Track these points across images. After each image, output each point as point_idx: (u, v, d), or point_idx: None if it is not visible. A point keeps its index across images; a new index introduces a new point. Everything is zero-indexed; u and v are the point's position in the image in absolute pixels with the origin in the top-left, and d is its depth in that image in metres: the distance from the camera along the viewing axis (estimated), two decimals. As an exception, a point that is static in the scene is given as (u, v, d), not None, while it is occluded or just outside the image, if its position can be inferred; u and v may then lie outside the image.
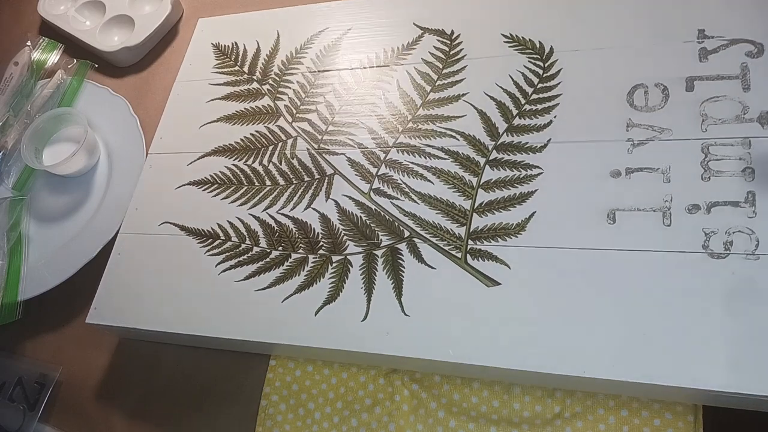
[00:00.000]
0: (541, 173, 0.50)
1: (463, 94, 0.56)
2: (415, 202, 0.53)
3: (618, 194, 0.47)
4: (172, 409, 0.56)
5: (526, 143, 0.51)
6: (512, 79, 0.55)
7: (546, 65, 0.54)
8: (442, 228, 0.50)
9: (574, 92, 0.52)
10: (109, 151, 0.69)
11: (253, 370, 0.56)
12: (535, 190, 0.49)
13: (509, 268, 0.47)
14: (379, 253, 0.51)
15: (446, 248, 0.49)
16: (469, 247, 0.49)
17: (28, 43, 0.77)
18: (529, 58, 0.55)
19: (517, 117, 0.53)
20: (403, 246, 0.51)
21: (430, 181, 0.53)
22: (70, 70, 0.75)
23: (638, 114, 0.49)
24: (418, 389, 0.51)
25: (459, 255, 0.49)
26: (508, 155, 0.51)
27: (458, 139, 0.54)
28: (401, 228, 0.52)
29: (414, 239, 0.51)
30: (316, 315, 0.50)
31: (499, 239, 0.48)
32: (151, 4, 0.78)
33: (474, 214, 0.50)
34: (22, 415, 0.56)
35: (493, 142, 0.52)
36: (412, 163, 0.54)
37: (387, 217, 0.53)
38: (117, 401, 0.58)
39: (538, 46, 0.56)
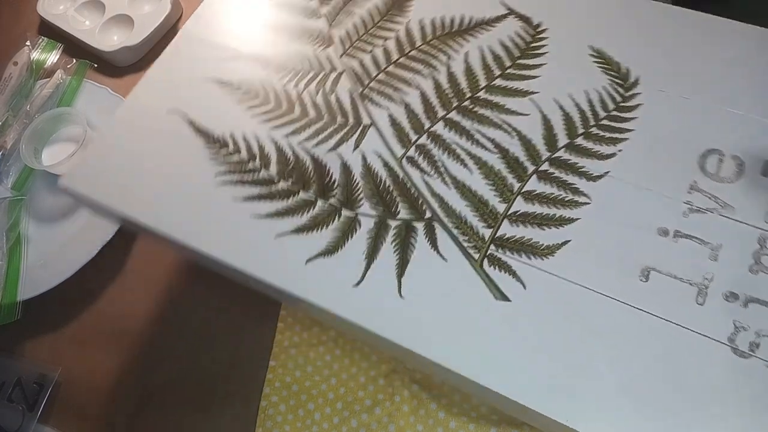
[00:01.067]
0: (588, 204, 0.46)
1: (532, 93, 0.52)
2: (447, 185, 0.49)
3: (659, 254, 0.44)
4: (171, 409, 0.56)
5: (582, 167, 0.48)
6: (587, 96, 0.51)
7: (626, 95, 0.51)
8: (467, 222, 0.47)
9: (648, 134, 0.49)
10: None
11: (252, 370, 0.56)
12: (577, 219, 0.46)
13: (524, 288, 0.44)
14: (392, 224, 0.47)
15: (465, 244, 0.46)
16: (489, 252, 0.45)
17: (28, 42, 0.76)
18: (611, 80, 0.52)
19: (582, 137, 0.49)
20: (420, 225, 0.47)
21: (469, 169, 0.49)
22: (70, 70, 0.74)
23: (706, 180, 0.46)
24: (419, 389, 0.49)
25: (476, 256, 0.45)
26: (560, 173, 0.48)
27: (512, 137, 0.50)
28: (424, 207, 0.48)
29: (434, 223, 0.47)
30: (306, 263, 0.46)
31: (523, 255, 0.45)
32: (151, 4, 0.77)
33: (505, 219, 0.47)
34: (21, 415, 0.56)
35: (548, 153, 0.49)
36: (456, 144, 0.50)
37: (412, 190, 0.49)
38: (116, 402, 0.57)
39: (624, 72, 0.52)
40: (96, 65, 0.76)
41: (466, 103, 0.52)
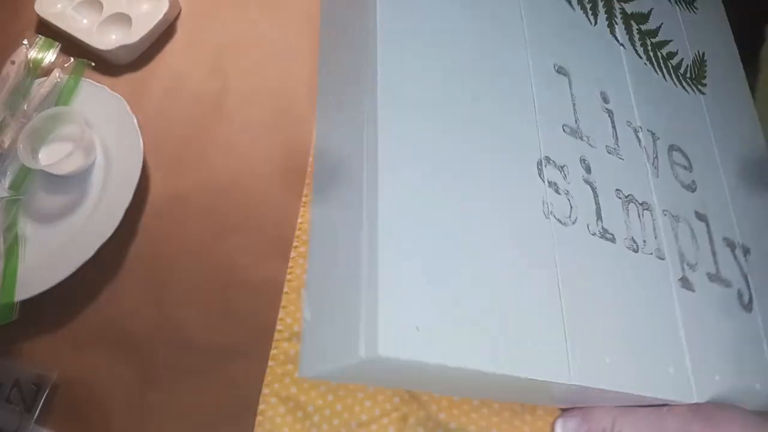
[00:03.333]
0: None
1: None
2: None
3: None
4: (170, 410, 0.55)
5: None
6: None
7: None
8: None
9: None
10: (106, 149, 0.68)
11: (251, 371, 0.54)
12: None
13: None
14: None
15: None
16: None
17: (25, 41, 0.77)
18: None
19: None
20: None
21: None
22: (67, 69, 0.74)
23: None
24: (419, 390, 0.49)
25: None
26: None
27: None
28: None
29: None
30: None
31: None
32: (149, 3, 0.78)
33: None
34: (19, 417, 0.54)
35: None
36: None
37: None
38: (114, 403, 0.55)
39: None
40: (94, 64, 0.76)
41: None
